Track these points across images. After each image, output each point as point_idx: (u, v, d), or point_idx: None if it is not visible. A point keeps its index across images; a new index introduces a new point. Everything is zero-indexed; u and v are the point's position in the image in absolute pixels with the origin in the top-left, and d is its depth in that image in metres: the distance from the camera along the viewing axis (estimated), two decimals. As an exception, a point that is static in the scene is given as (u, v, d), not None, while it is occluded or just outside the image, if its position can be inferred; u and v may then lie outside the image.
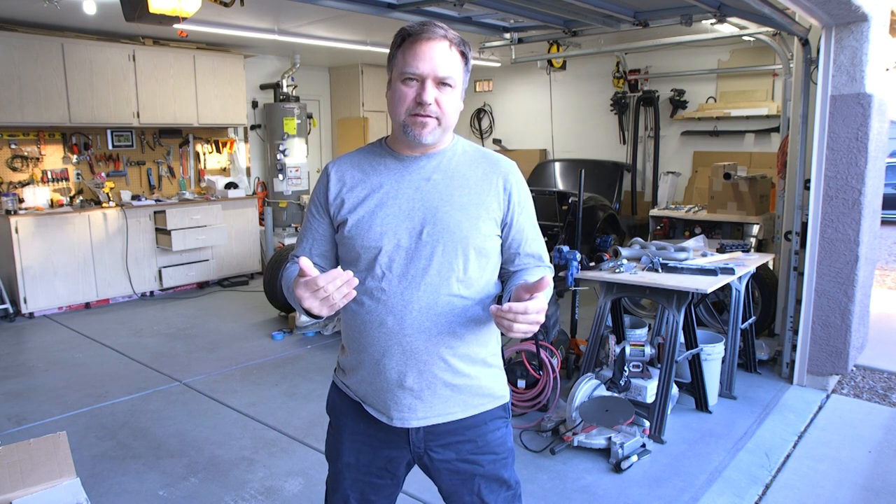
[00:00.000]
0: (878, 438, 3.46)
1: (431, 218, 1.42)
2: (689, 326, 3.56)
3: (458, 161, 1.49)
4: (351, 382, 1.53)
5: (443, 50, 1.36)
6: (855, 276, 3.79)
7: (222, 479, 3.06)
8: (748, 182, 5.34)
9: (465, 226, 1.42)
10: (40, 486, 2.30)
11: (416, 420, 1.46)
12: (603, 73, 8.19)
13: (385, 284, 1.41)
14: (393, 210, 1.42)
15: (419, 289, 1.40)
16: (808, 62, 4.07)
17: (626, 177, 7.83)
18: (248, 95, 7.56)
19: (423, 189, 1.44)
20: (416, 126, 1.38)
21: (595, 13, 4.48)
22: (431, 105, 1.36)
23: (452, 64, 1.38)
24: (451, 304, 1.42)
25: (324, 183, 1.51)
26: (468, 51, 1.43)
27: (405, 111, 1.38)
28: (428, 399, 1.46)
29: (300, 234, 1.58)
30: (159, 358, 4.76)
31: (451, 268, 1.41)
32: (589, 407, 3.25)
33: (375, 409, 1.49)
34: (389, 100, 1.42)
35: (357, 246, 1.43)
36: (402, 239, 1.41)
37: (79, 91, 6.01)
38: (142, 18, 3.50)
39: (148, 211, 6.49)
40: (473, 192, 1.46)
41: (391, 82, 1.42)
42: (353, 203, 1.46)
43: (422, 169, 1.46)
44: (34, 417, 3.76)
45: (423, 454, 1.51)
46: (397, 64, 1.39)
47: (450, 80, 1.37)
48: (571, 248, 3.93)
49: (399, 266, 1.41)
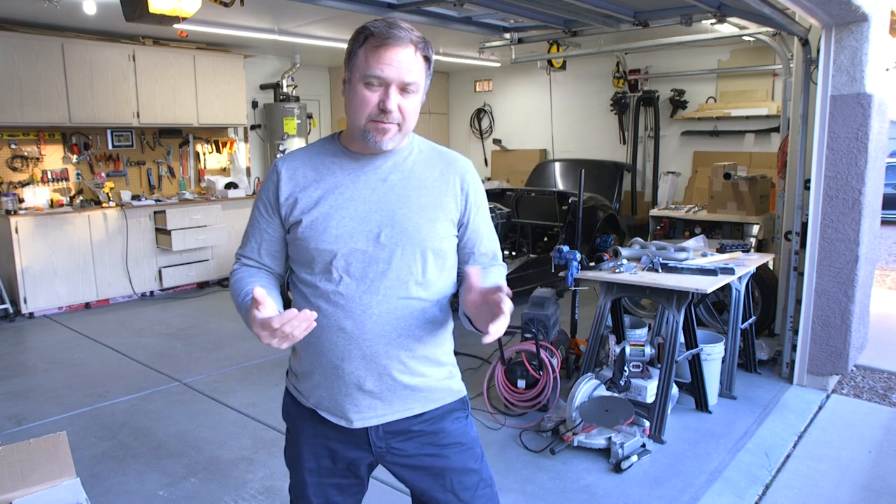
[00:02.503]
0: (878, 438, 3.46)
1: (389, 221, 1.39)
2: (689, 326, 3.56)
3: (415, 160, 1.46)
4: (304, 388, 1.49)
5: (408, 55, 1.31)
6: (855, 276, 3.79)
7: (222, 479, 3.06)
8: (748, 182, 5.34)
9: (424, 228, 1.41)
10: (40, 486, 2.30)
11: (376, 418, 1.45)
12: (603, 73, 8.19)
13: (343, 289, 1.38)
14: (349, 212, 1.38)
15: (378, 293, 1.38)
16: (808, 62, 4.07)
17: (626, 177, 7.84)
18: (248, 95, 7.56)
19: (379, 190, 1.40)
20: (377, 133, 1.34)
21: (595, 13, 4.48)
22: (394, 112, 1.32)
23: (417, 69, 1.34)
24: (410, 306, 1.41)
25: (273, 181, 1.44)
26: (432, 54, 1.38)
27: (367, 116, 1.33)
28: (387, 399, 1.45)
29: (246, 233, 1.52)
30: (159, 358, 4.76)
31: (409, 271, 1.40)
32: (589, 407, 3.25)
33: (332, 414, 1.46)
34: (349, 101, 1.36)
35: (311, 248, 1.39)
36: (360, 242, 1.38)
37: (79, 91, 6.01)
38: (142, 18, 3.50)
39: (148, 211, 6.50)
40: (431, 192, 1.44)
41: (350, 82, 1.36)
42: (306, 204, 1.40)
43: (378, 169, 1.42)
44: (34, 417, 3.76)
45: (384, 452, 1.49)
46: (358, 64, 1.33)
47: (413, 87, 1.34)
48: (571, 248, 3.93)
49: (357, 270, 1.38)
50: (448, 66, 9.02)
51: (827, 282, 3.88)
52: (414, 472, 1.51)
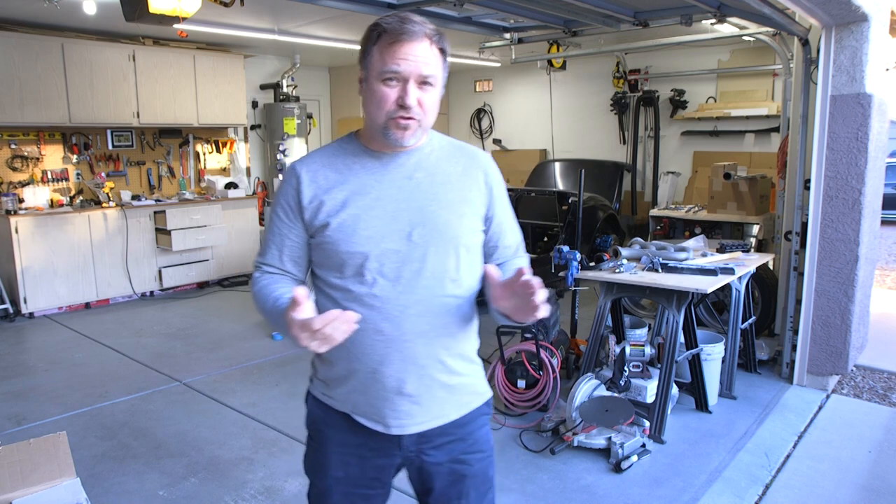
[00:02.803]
0: (878, 438, 3.46)
1: (420, 218, 1.37)
2: (689, 326, 3.56)
3: (438, 156, 1.45)
4: (337, 394, 1.46)
5: (424, 49, 1.30)
6: (855, 276, 3.79)
7: (222, 479, 3.06)
8: (748, 182, 5.34)
9: (454, 224, 1.40)
10: (40, 486, 2.30)
11: (415, 426, 1.43)
12: (603, 73, 8.19)
13: (378, 290, 1.35)
14: (378, 212, 1.36)
15: (415, 293, 1.36)
16: (808, 62, 4.07)
17: (626, 177, 7.83)
18: (248, 95, 7.56)
19: (406, 188, 1.39)
20: (397, 129, 1.33)
21: (595, 13, 4.48)
22: (414, 107, 1.31)
23: (434, 62, 1.33)
24: (447, 304, 1.40)
25: (293, 185, 1.40)
26: (447, 46, 1.37)
27: (386, 114, 1.32)
28: (426, 403, 1.42)
29: (266, 240, 1.47)
30: (159, 358, 4.76)
31: (444, 268, 1.38)
32: (589, 407, 3.25)
33: (369, 419, 1.43)
34: (367, 100, 1.35)
35: (341, 252, 1.35)
36: (392, 242, 1.35)
37: (79, 91, 6.01)
38: (142, 18, 3.50)
39: (148, 211, 6.49)
40: (457, 188, 1.43)
41: (367, 81, 1.35)
42: (333, 206, 1.37)
43: (402, 167, 1.40)
44: (34, 417, 3.76)
45: (414, 457, 1.47)
46: (373, 62, 1.32)
47: (431, 79, 1.33)
48: (571, 248, 3.93)
49: (391, 270, 1.35)
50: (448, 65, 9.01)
51: (827, 282, 3.88)
52: (434, 477, 1.49)
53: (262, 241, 1.50)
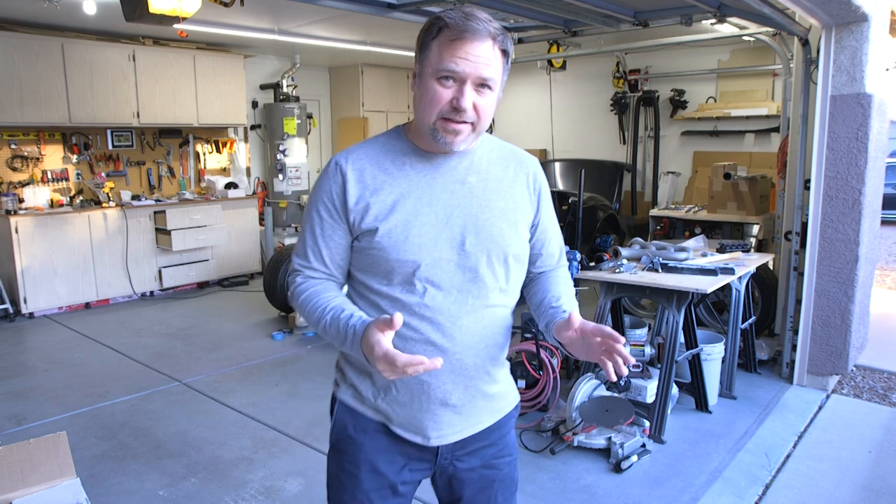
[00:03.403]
0: (878, 438, 3.46)
1: (472, 226, 1.30)
2: (689, 326, 3.56)
3: (489, 160, 1.37)
4: (374, 403, 1.39)
5: (486, 49, 1.21)
6: (855, 276, 3.79)
7: (222, 479, 3.06)
8: (748, 182, 5.34)
9: (507, 233, 1.34)
10: (40, 486, 2.30)
11: (453, 434, 1.38)
12: (603, 73, 8.19)
13: (429, 300, 1.28)
14: (430, 218, 1.28)
15: (467, 303, 1.30)
16: (808, 62, 4.07)
17: (626, 177, 7.84)
18: (248, 95, 7.56)
19: (458, 193, 1.31)
20: (448, 133, 1.24)
21: (595, 13, 4.48)
22: (469, 111, 1.22)
23: (495, 64, 1.24)
24: (496, 315, 1.36)
25: (338, 182, 1.30)
26: (510, 47, 1.27)
27: (437, 114, 1.23)
28: (467, 412, 1.38)
29: (307, 240, 1.35)
30: (159, 358, 4.76)
31: (495, 278, 1.33)
32: (589, 407, 3.25)
33: (408, 430, 1.37)
34: (419, 97, 1.26)
35: (391, 259, 1.27)
36: (444, 251, 1.28)
37: (79, 91, 6.01)
38: (142, 18, 3.50)
39: (148, 211, 6.49)
40: (509, 195, 1.37)
41: (421, 76, 1.26)
42: (381, 209, 1.28)
43: (454, 170, 1.32)
44: (34, 417, 3.76)
45: (448, 465, 1.43)
46: (430, 58, 1.23)
47: (490, 82, 1.24)
48: (571, 248, 3.93)
49: (443, 280, 1.29)
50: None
51: (827, 282, 3.88)
52: (465, 485, 1.45)
53: (301, 241, 1.38)
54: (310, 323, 1.34)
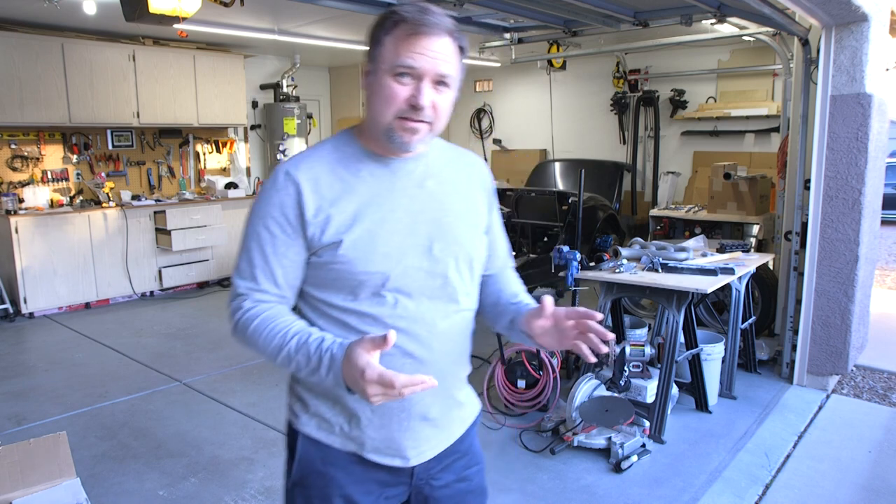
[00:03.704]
0: (878, 438, 3.46)
1: (438, 231, 1.26)
2: (689, 326, 3.56)
3: (442, 162, 1.33)
4: (344, 431, 1.29)
5: (444, 45, 1.16)
6: (855, 276, 3.79)
7: (222, 479, 3.06)
8: (748, 182, 5.34)
9: (469, 236, 1.32)
10: (40, 486, 2.30)
11: (432, 451, 1.33)
12: (603, 73, 8.19)
13: (401, 311, 1.23)
14: (395, 226, 1.23)
15: (439, 310, 1.26)
16: (808, 62, 4.07)
17: (626, 177, 7.83)
18: (248, 95, 7.55)
19: (419, 198, 1.26)
20: (405, 132, 1.19)
21: (595, 13, 4.48)
22: (427, 109, 1.17)
23: (452, 60, 1.19)
24: (465, 319, 1.33)
25: (291, 195, 1.20)
26: (466, 44, 1.23)
27: (394, 113, 1.17)
28: (443, 425, 1.34)
29: (255, 260, 1.25)
30: (159, 358, 4.76)
31: (462, 282, 1.30)
32: (589, 407, 3.25)
33: (385, 454, 1.29)
34: (373, 95, 1.20)
35: (358, 272, 1.20)
36: (412, 258, 1.23)
37: (79, 91, 6.01)
38: (142, 18, 3.50)
39: (148, 211, 6.49)
40: (466, 197, 1.34)
41: (375, 74, 1.19)
42: (342, 221, 1.20)
43: (412, 174, 1.27)
44: (34, 417, 3.76)
45: (423, 485, 1.36)
46: (385, 53, 1.17)
47: (448, 80, 1.19)
48: (571, 248, 3.92)
49: (413, 288, 1.24)
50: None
51: (827, 282, 3.88)
52: (444, 501, 1.39)
53: (245, 262, 1.27)
54: (265, 354, 1.23)
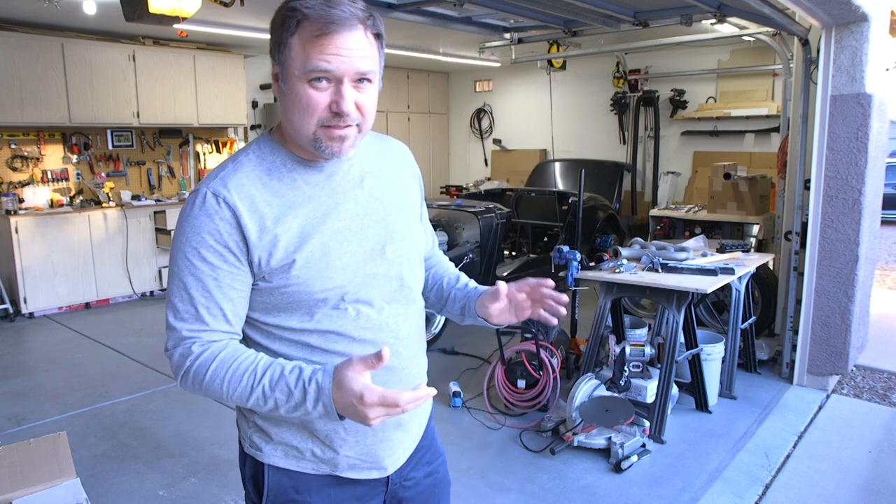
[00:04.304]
0: (878, 438, 3.46)
1: (385, 231, 1.19)
2: (689, 326, 3.56)
3: (373, 154, 1.25)
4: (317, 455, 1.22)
5: (359, 39, 1.04)
6: (855, 276, 3.79)
7: (222, 479, 3.06)
8: (748, 182, 5.34)
9: (413, 230, 1.27)
10: (40, 486, 2.30)
11: (404, 455, 1.29)
12: (603, 73, 8.19)
13: (364, 322, 1.16)
14: (345, 235, 1.14)
15: (400, 312, 1.21)
16: (808, 62, 4.07)
17: (626, 177, 7.84)
18: (248, 95, 7.56)
19: (361, 200, 1.18)
20: (333, 141, 1.08)
21: (595, 13, 4.48)
22: (352, 113, 1.06)
23: (371, 54, 1.06)
24: (419, 313, 1.29)
25: (227, 219, 1.08)
26: (382, 28, 1.10)
27: (316, 122, 1.06)
28: (412, 426, 1.30)
29: (195, 298, 1.10)
30: (159, 358, 4.76)
31: (415, 278, 1.26)
32: (589, 407, 3.25)
33: (361, 470, 1.24)
34: (288, 104, 1.08)
35: (314, 291, 1.11)
36: (368, 265, 1.16)
37: (79, 91, 6.01)
38: (142, 18, 3.51)
39: (148, 211, 6.50)
40: (401, 188, 1.27)
41: (285, 80, 1.07)
42: (290, 239, 1.10)
43: (348, 175, 1.18)
44: (34, 417, 3.76)
45: (397, 488, 1.31)
46: (293, 58, 1.04)
47: (370, 75, 1.07)
48: (571, 248, 3.93)
49: (374, 296, 1.17)
50: (448, 66, 9.02)
51: (827, 282, 3.88)
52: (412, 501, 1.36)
53: (182, 302, 1.11)
54: (230, 398, 1.10)
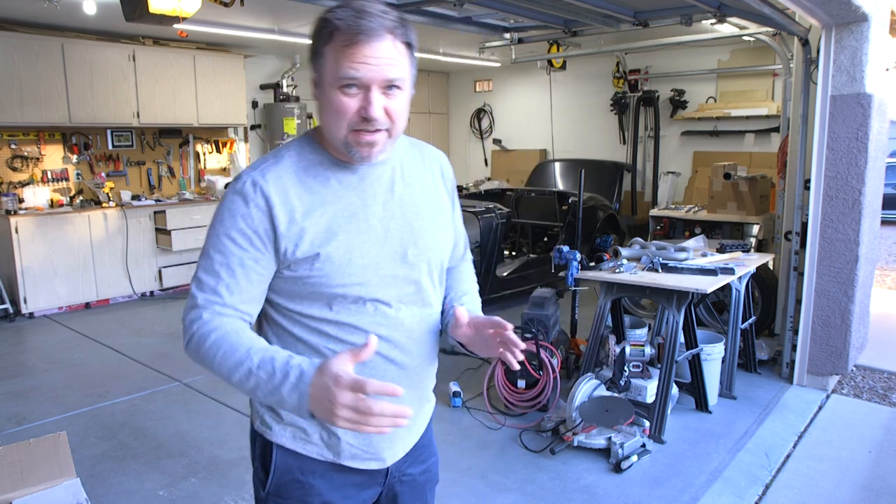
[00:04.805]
0: (878, 438, 3.46)
1: (410, 237, 1.24)
2: (689, 326, 3.56)
3: (406, 159, 1.30)
4: (325, 440, 1.27)
5: (387, 48, 1.10)
6: (855, 276, 3.79)
7: (222, 479, 3.06)
8: (748, 182, 5.34)
9: (440, 238, 1.31)
10: (40, 486, 2.30)
11: (404, 449, 1.34)
12: (603, 73, 8.19)
13: (380, 318, 1.22)
14: (370, 236, 1.20)
15: (415, 314, 1.26)
16: (808, 62, 4.07)
17: (626, 177, 7.84)
18: (248, 95, 7.56)
19: (390, 204, 1.23)
20: (362, 146, 1.14)
21: (595, 13, 4.48)
22: (380, 118, 1.12)
23: (400, 62, 1.12)
24: (434, 317, 1.33)
25: (261, 207, 1.15)
26: (413, 38, 1.16)
27: (347, 126, 1.13)
28: (415, 423, 1.36)
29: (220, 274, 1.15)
30: (159, 358, 4.76)
31: (433, 284, 1.30)
32: (589, 407, 3.25)
33: (362, 459, 1.28)
34: (322, 108, 1.15)
35: (334, 285, 1.17)
36: (388, 267, 1.22)
37: (79, 91, 6.01)
38: (142, 18, 3.50)
39: (148, 211, 6.49)
40: (433, 198, 1.32)
41: (320, 86, 1.15)
42: (317, 233, 1.16)
43: (380, 179, 1.24)
44: (34, 417, 3.76)
45: (395, 482, 1.36)
46: (327, 66, 1.12)
47: (399, 82, 1.13)
48: (571, 248, 3.93)
49: (391, 296, 1.23)
50: (448, 66, 9.02)
51: (827, 282, 3.88)
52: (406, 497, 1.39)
53: (206, 274, 1.16)
54: (220, 370, 1.12)
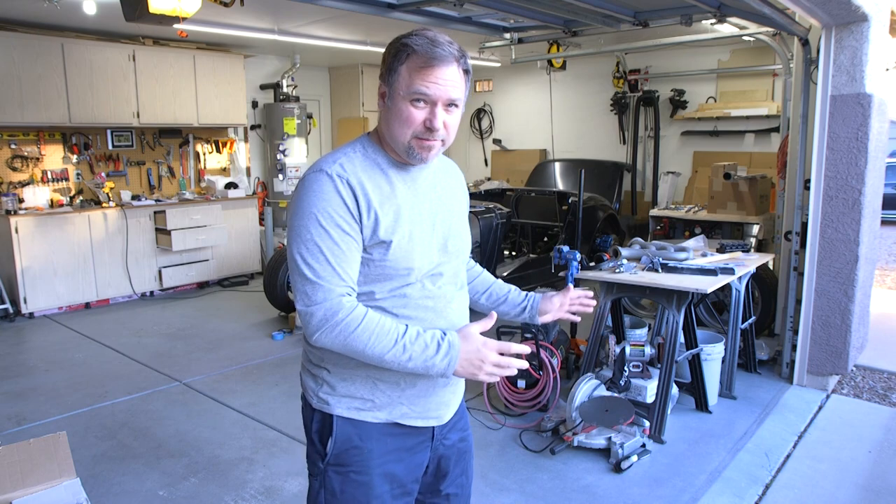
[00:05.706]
0: (878, 438, 3.46)
1: (448, 230, 1.48)
2: (689, 326, 3.56)
3: (439, 169, 1.54)
4: (381, 405, 1.43)
5: (453, 73, 1.33)
6: (855, 276, 3.79)
7: (222, 479, 3.06)
8: (748, 182, 5.34)
9: (464, 234, 1.56)
10: (40, 486, 2.30)
11: (450, 413, 1.54)
12: (603, 73, 8.19)
13: (427, 292, 1.44)
14: (424, 227, 1.43)
15: (452, 289, 1.50)
16: (808, 62, 4.07)
17: (626, 177, 7.84)
18: (248, 95, 7.56)
19: (435, 202, 1.47)
20: (422, 150, 1.37)
21: (595, 13, 4.48)
22: (440, 130, 1.35)
23: (460, 85, 1.36)
24: (465, 294, 1.60)
25: (347, 194, 1.33)
26: (470, 66, 1.41)
27: (412, 133, 1.35)
28: (458, 389, 1.57)
29: (331, 259, 1.31)
30: (159, 358, 4.76)
31: (463, 270, 1.58)
32: (589, 407, 3.25)
33: (422, 417, 1.47)
34: (391, 117, 1.36)
35: (400, 268, 1.38)
36: (435, 254, 1.45)
37: (79, 91, 6.01)
38: (142, 18, 3.50)
39: (148, 211, 6.49)
40: (459, 199, 1.58)
41: (391, 98, 1.35)
42: (388, 223, 1.36)
43: (427, 180, 1.47)
44: (34, 417, 3.76)
45: (439, 445, 1.54)
46: (401, 81, 1.33)
47: (458, 101, 1.37)
48: (571, 248, 3.92)
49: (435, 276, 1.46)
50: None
51: (827, 282, 3.88)
52: (450, 460, 1.57)
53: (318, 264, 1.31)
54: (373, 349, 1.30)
